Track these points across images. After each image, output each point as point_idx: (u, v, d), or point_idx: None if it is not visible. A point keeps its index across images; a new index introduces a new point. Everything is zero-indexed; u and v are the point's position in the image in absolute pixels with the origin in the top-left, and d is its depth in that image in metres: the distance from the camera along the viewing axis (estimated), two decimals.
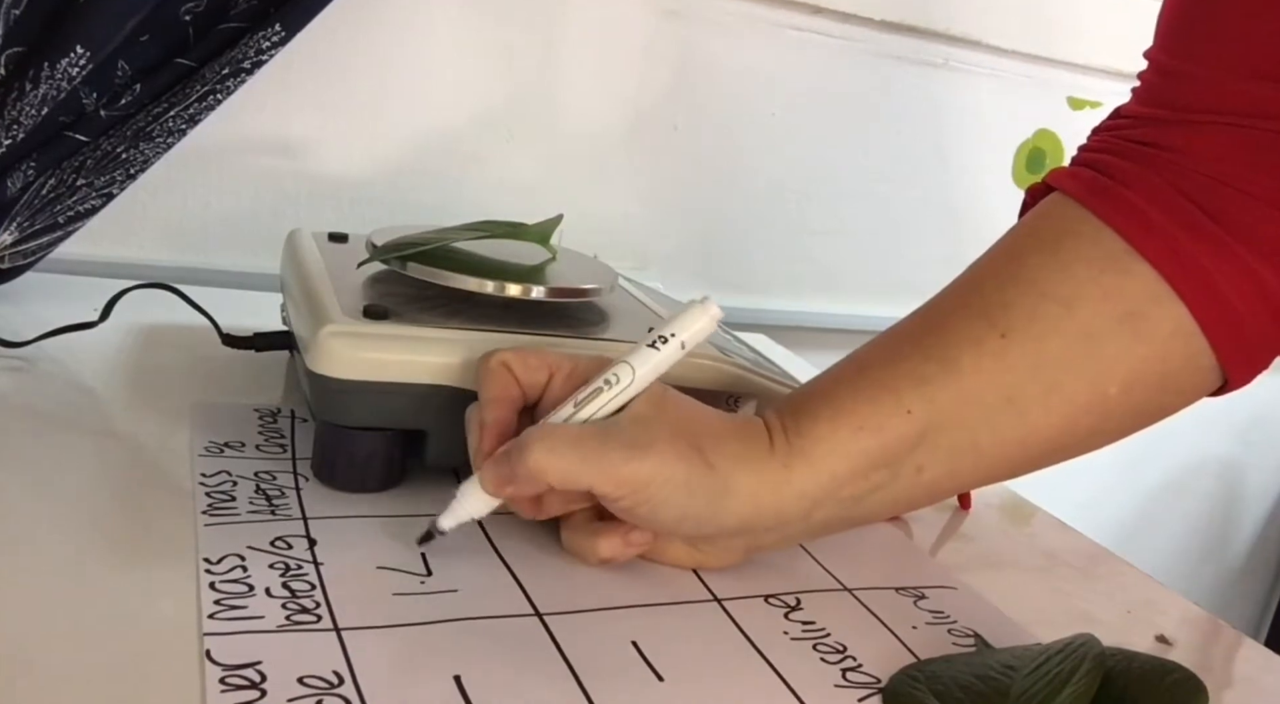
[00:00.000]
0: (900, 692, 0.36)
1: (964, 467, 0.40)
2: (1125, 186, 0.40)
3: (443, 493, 0.45)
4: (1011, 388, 0.39)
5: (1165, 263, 0.39)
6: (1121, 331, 0.39)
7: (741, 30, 0.85)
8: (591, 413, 0.39)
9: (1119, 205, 0.40)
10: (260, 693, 0.30)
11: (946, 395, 0.39)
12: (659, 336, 0.39)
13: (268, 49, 0.62)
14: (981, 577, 0.47)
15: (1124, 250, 0.39)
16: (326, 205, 0.76)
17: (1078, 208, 0.41)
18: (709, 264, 0.91)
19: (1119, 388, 0.40)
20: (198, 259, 0.73)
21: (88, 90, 0.58)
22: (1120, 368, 0.40)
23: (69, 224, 0.60)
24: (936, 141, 0.97)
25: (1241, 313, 0.39)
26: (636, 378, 0.39)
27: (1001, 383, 0.39)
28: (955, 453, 0.40)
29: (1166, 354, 0.40)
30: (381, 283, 0.49)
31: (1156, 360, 0.40)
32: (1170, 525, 1.30)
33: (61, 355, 0.53)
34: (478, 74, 0.77)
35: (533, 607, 0.37)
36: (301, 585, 0.36)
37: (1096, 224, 0.40)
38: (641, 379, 0.39)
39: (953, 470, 0.40)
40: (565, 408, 0.39)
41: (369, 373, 0.42)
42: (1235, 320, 0.39)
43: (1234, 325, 0.39)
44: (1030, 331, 0.39)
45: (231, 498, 0.41)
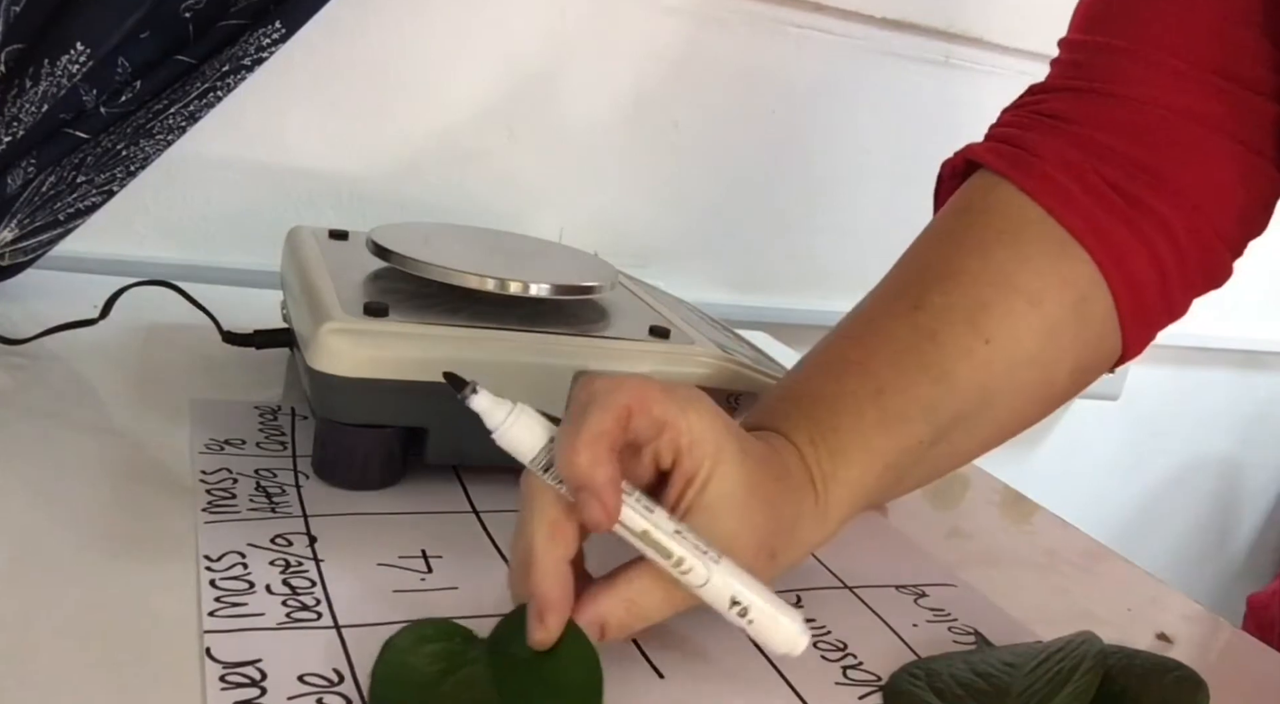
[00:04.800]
0: (901, 689, 0.36)
1: (941, 468, 0.44)
2: (1042, 160, 0.43)
3: (443, 490, 0.45)
4: (989, 391, 0.41)
5: (1095, 245, 0.42)
6: (1074, 319, 0.42)
7: (742, 28, 0.85)
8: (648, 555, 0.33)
9: (1043, 182, 0.42)
10: (260, 690, 0.30)
11: (946, 415, 0.40)
12: (742, 607, 0.33)
13: (268, 46, 0.62)
14: (982, 574, 0.47)
15: (1066, 236, 0.42)
16: (327, 202, 0.76)
17: (1020, 196, 0.43)
18: (709, 261, 0.91)
19: (1068, 374, 0.43)
20: (198, 256, 0.73)
21: (88, 87, 0.58)
22: (1070, 356, 0.43)
23: (69, 221, 0.60)
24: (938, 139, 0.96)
25: (1145, 285, 0.42)
26: (701, 589, 0.33)
27: (983, 388, 0.41)
28: (939, 459, 0.42)
29: (1101, 334, 0.43)
30: (382, 279, 0.49)
31: (1094, 341, 0.43)
32: (1171, 524, 1.30)
33: (62, 353, 0.53)
34: (478, 72, 0.77)
35: None
36: (302, 583, 0.36)
37: (1040, 211, 0.42)
38: (701, 594, 0.33)
39: (932, 471, 0.43)
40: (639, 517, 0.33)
41: (369, 370, 0.42)
42: (1141, 295, 0.43)
43: (1140, 300, 0.43)
44: (1008, 333, 0.41)
45: (232, 495, 0.41)
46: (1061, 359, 0.42)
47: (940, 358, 0.40)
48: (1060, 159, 0.43)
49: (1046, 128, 0.44)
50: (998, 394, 0.41)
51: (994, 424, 0.43)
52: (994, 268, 0.42)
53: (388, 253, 0.48)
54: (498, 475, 0.47)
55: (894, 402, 0.39)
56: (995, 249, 0.42)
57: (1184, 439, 1.23)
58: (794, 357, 0.76)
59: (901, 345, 0.41)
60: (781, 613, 0.33)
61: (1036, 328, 0.41)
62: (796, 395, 0.41)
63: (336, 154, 0.75)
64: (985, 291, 0.41)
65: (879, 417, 0.39)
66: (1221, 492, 1.32)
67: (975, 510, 0.58)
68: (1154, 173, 0.42)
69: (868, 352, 0.41)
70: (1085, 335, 0.43)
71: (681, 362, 0.47)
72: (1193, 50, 0.42)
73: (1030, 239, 0.42)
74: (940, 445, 0.41)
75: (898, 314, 0.42)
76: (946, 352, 0.40)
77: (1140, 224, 0.42)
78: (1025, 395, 0.42)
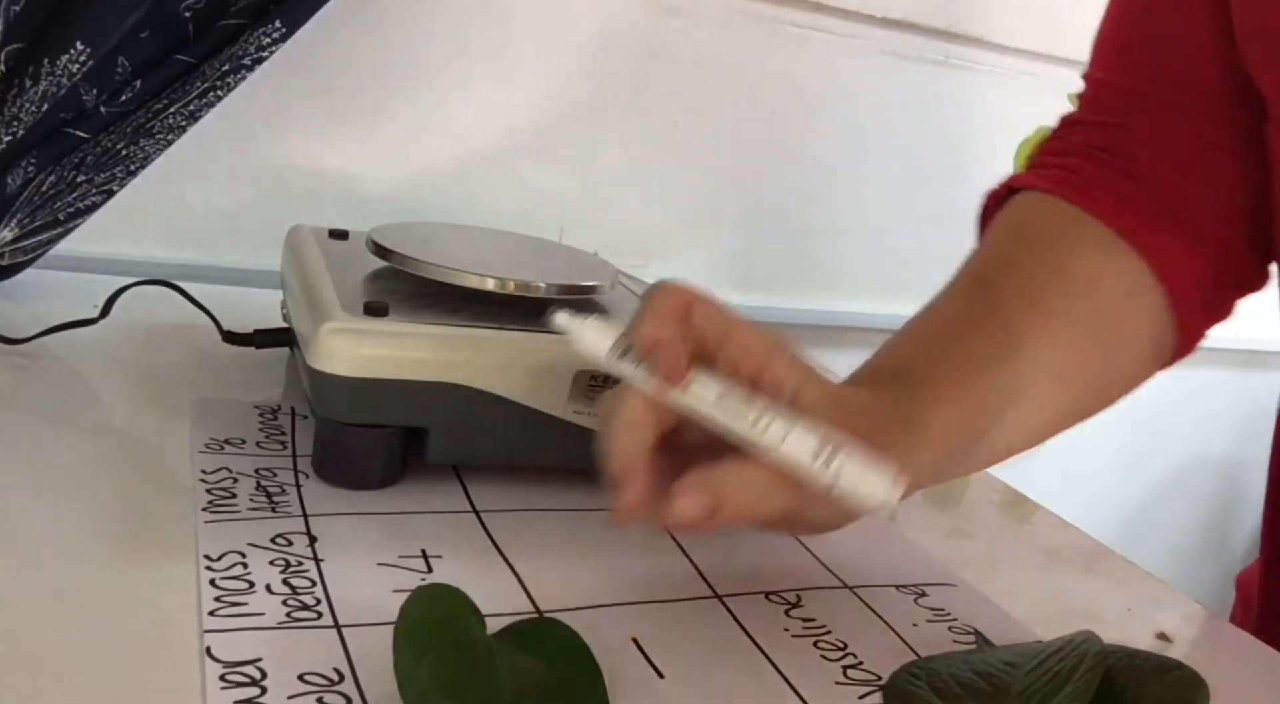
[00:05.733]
0: (901, 689, 0.36)
1: (999, 450, 0.45)
2: (1094, 185, 0.48)
3: (443, 489, 0.45)
4: (1053, 369, 0.44)
5: (1144, 245, 0.46)
6: (1127, 308, 0.46)
7: (742, 27, 0.85)
8: (722, 423, 0.33)
9: (1097, 200, 0.47)
10: (260, 690, 0.30)
11: (1014, 389, 0.43)
12: (828, 455, 0.32)
13: (268, 45, 0.62)
14: (982, 574, 0.47)
15: (1115, 237, 0.46)
16: (326, 202, 0.76)
17: (1065, 204, 0.47)
18: (709, 261, 0.91)
19: (1128, 360, 0.47)
20: (198, 256, 0.73)
21: (88, 87, 0.58)
22: (1128, 344, 0.46)
23: (69, 221, 0.60)
24: (937, 139, 0.97)
25: (1192, 284, 0.46)
26: (778, 449, 0.32)
27: (1049, 365, 0.44)
28: (1001, 437, 0.43)
29: (1153, 326, 0.47)
30: (382, 279, 0.49)
31: (1147, 333, 0.47)
32: (1171, 524, 1.30)
33: (62, 352, 0.53)
34: (477, 71, 0.77)
35: (533, 604, 0.37)
36: (302, 582, 0.36)
37: (1087, 217, 0.47)
38: (779, 455, 0.32)
39: (991, 454, 0.45)
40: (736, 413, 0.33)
41: (369, 370, 0.42)
42: (1189, 292, 0.47)
43: (1189, 298, 0.47)
44: (1065, 314, 0.44)
45: (232, 495, 0.41)
46: (1120, 346, 0.46)
47: (1007, 337, 0.43)
48: (1100, 177, 0.48)
49: (1084, 155, 0.49)
50: (1061, 372, 0.44)
51: (1053, 406, 0.45)
52: (1049, 259, 0.46)
53: (388, 252, 0.48)
54: (498, 475, 0.47)
55: (967, 376, 0.41)
56: (1047, 245, 0.46)
57: (1184, 439, 1.23)
58: None
59: (968, 324, 0.44)
60: (872, 461, 0.32)
61: (1091, 313, 0.45)
62: (868, 373, 0.42)
63: (336, 154, 0.75)
64: (1040, 276, 0.45)
65: (954, 392, 0.40)
66: (1222, 492, 1.32)
67: (976, 510, 0.58)
68: (1183, 193, 0.47)
69: (935, 336, 0.44)
70: (1138, 327, 0.46)
71: None
72: (1201, 86, 0.47)
73: (1080, 238, 0.46)
74: (1005, 423, 0.42)
75: (960, 299, 0.45)
76: (1013, 330, 0.43)
77: (1181, 231, 0.47)
78: (1086, 377, 0.45)
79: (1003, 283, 0.45)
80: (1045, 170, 0.50)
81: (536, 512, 0.45)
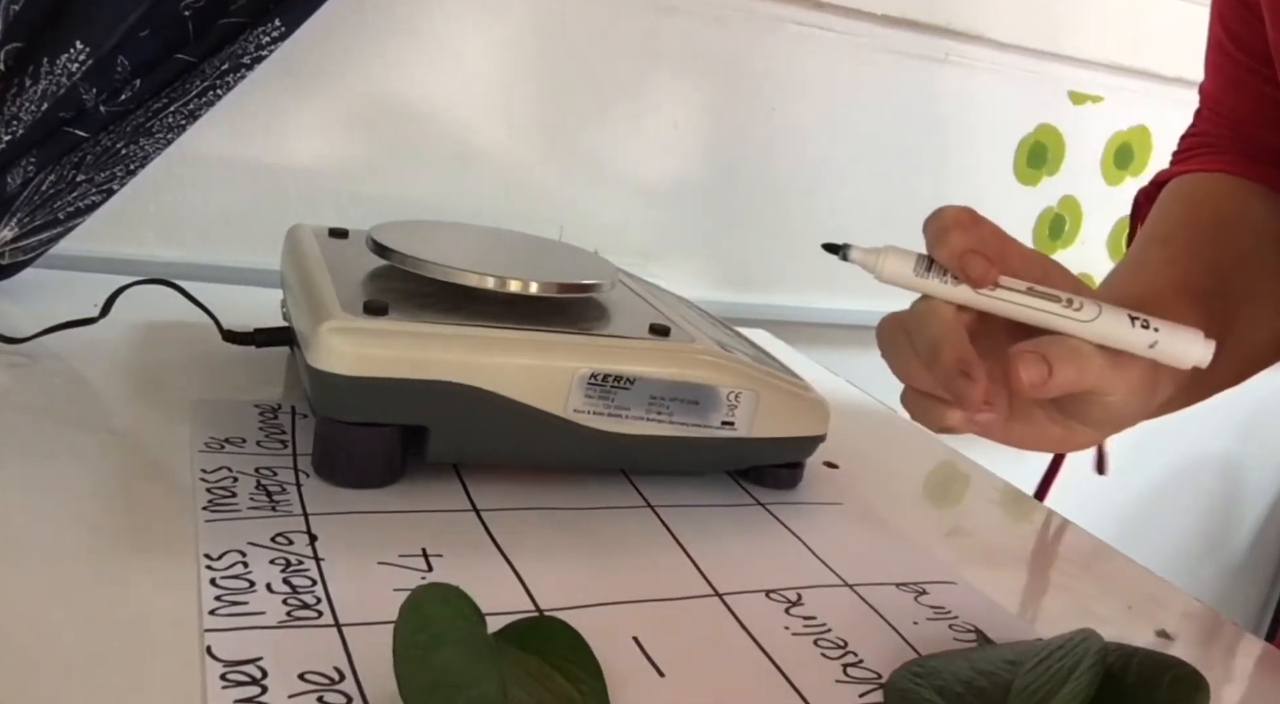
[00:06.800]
0: (902, 688, 0.36)
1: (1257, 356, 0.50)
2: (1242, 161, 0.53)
3: (444, 488, 0.45)
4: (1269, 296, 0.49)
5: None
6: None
7: (741, 26, 0.85)
8: (1038, 308, 0.37)
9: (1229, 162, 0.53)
10: (261, 689, 0.30)
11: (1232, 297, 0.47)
12: (1143, 320, 0.37)
13: (268, 44, 0.62)
14: (982, 572, 0.47)
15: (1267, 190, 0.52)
16: (326, 201, 0.76)
17: (1225, 176, 0.52)
18: (710, 260, 0.91)
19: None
20: (198, 255, 0.73)
21: (87, 86, 0.58)
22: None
23: (69, 220, 0.60)
24: (938, 136, 0.97)
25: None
26: (1094, 322, 0.36)
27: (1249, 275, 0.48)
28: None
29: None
30: (382, 278, 0.49)
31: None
32: (1171, 523, 1.30)
33: (62, 351, 0.53)
34: (476, 71, 0.77)
35: (534, 603, 0.37)
36: (302, 581, 0.36)
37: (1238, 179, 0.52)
38: (1097, 328, 0.36)
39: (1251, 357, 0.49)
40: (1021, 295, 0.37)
41: (369, 369, 0.42)
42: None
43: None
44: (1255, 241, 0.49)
45: (232, 494, 0.41)
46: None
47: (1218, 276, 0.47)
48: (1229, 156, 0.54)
49: (1211, 146, 0.55)
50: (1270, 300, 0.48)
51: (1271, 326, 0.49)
52: (1221, 209, 0.50)
53: (388, 251, 0.48)
54: (499, 474, 0.47)
55: (1192, 298, 0.44)
56: (1225, 204, 0.51)
57: (1183, 438, 1.23)
58: (795, 355, 0.76)
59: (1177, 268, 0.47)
60: (1181, 326, 0.36)
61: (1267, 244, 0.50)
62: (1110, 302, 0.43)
63: (336, 153, 0.75)
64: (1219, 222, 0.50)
65: (1186, 303, 0.43)
66: (1221, 490, 1.32)
67: (976, 509, 0.58)
68: None
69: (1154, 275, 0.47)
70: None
71: (682, 360, 0.47)
72: None
73: (1252, 197, 0.51)
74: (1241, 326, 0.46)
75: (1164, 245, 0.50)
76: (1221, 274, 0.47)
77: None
78: None
79: (1194, 234, 0.49)
80: (1189, 162, 0.54)
81: (537, 510, 0.45)
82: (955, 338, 0.36)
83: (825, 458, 0.56)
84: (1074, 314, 0.36)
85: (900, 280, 0.38)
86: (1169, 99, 1.02)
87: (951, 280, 0.37)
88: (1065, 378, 0.35)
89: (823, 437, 0.51)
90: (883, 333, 0.39)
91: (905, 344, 0.38)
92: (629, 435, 0.46)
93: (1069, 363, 0.35)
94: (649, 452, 0.47)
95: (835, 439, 0.51)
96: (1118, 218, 1.08)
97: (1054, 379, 0.35)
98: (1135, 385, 0.37)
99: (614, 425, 0.46)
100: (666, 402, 0.46)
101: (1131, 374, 0.37)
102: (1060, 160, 1.03)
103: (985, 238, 0.37)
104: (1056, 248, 1.06)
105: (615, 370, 0.45)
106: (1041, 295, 0.37)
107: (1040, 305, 0.37)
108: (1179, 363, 0.37)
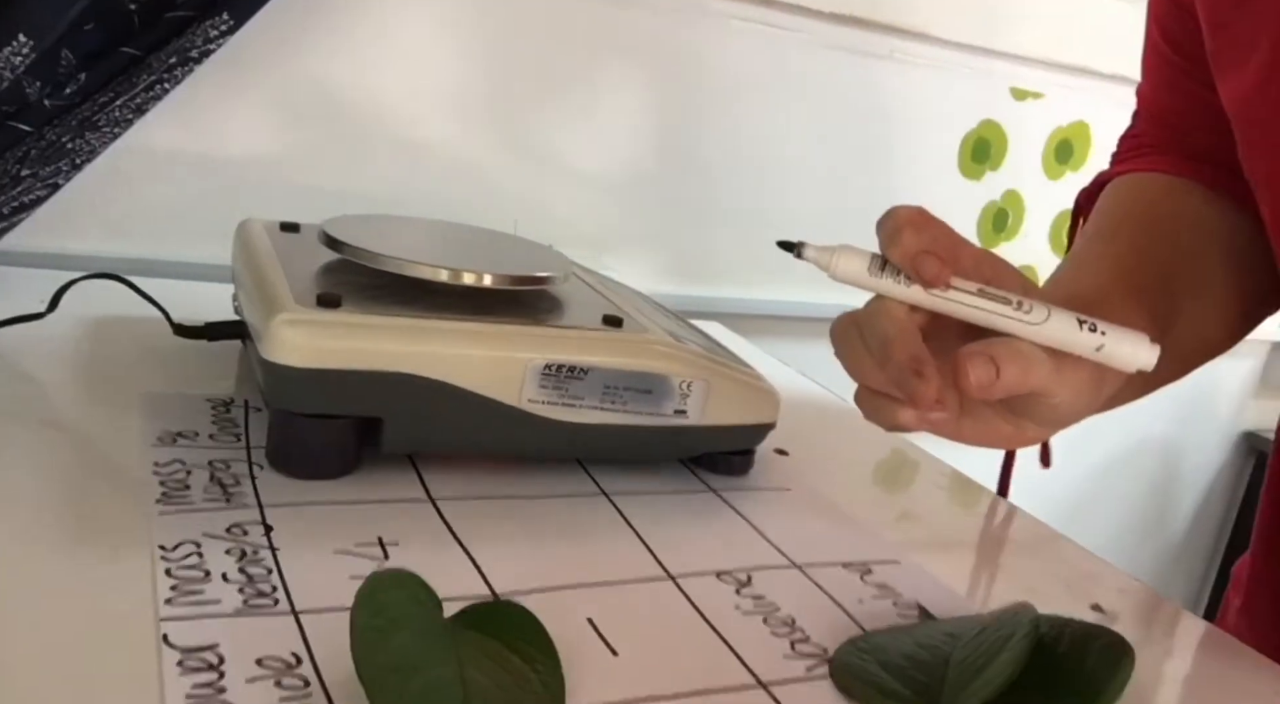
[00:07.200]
0: (847, 662, 0.37)
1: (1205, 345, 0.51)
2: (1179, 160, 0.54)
3: (399, 479, 0.46)
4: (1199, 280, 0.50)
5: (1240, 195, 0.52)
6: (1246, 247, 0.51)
7: (691, 20, 0.86)
8: (988, 311, 0.38)
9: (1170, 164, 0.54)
10: (218, 674, 0.30)
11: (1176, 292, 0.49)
12: (1091, 324, 0.38)
13: (215, 38, 0.61)
14: (927, 555, 0.49)
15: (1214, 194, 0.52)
16: (275, 196, 0.75)
17: (1164, 176, 0.54)
18: (663, 253, 0.92)
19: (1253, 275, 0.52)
20: (145, 250, 0.72)
21: (30, 79, 0.57)
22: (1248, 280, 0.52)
23: (13, 215, 0.59)
24: (884, 131, 0.99)
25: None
26: (1043, 325, 0.37)
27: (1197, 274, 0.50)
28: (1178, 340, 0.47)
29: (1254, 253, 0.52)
30: (334, 272, 0.49)
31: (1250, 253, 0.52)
32: (1111, 506, 1.34)
33: (8, 347, 0.52)
34: (428, 63, 0.77)
35: (490, 588, 0.38)
36: (259, 570, 0.36)
37: (1176, 179, 0.53)
38: (1046, 331, 0.37)
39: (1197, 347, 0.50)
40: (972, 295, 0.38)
41: (323, 360, 0.42)
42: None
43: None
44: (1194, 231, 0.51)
45: (186, 487, 0.41)
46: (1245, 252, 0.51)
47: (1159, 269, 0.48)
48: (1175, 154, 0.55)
49: (1150, 146, 0.57)
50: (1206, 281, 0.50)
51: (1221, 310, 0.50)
52: (1161, 208, 0.52)
53: (340, 244, 0.49)
54: (454, 464, 0.48)
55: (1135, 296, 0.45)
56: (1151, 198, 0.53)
57: (1123, 422, 1.27)
58: (747, 346, 0.78)
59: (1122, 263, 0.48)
60: (1128, 330, 0.37)
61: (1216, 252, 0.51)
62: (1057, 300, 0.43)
63: (285, 147, 0.75)
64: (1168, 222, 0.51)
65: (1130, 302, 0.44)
66: (1160, 473, 1.36)
67: (923, 494, 0.60)
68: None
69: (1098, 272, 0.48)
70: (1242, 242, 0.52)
71: (635, 350, 0.48)
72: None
73: (1179, 189, 0.53)
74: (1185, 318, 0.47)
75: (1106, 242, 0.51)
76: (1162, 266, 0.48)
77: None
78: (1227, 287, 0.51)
79: (1136, 232, 0.50)
80: (1129, 163, 0.56)
81: (492, 499, 0.45)
82: (908, 337, 0.37)
83: (776, 445, 0.57)
84: (1024, 317, 0.37)
85: (854, 279, 0.38)
86: (1107, 96, 1.05)
87: (905, 280, 0.38)
88: (1011, 379, 0.36)
89: (773, 424, 0.52)
90: (837, 332, 0.40)
91: (859, 343, 0.39)
92: (583, 424, 0.47)
93: (1015, 365, 0.36)
94: (603, 440, 0.48)
95: (786, 428, 0.53)
96: (1058, 211, 1.11)
97: (1001, 380, 0.36)
98: (1081, 386, 0.38)
99: (568, 415, 0.46)
100: (620, 391, 0.47)
101: (1076, 376, 0.38)
102: (1003, 155, 1.05)
103: (938, 238, 0.38)
104: (999, 241, 1.08)
105: (569, 360, 0.46)
106: (992, 297, 0.37)
107: (991, 307, 0.37)
108: (1125, 366, 0.38)
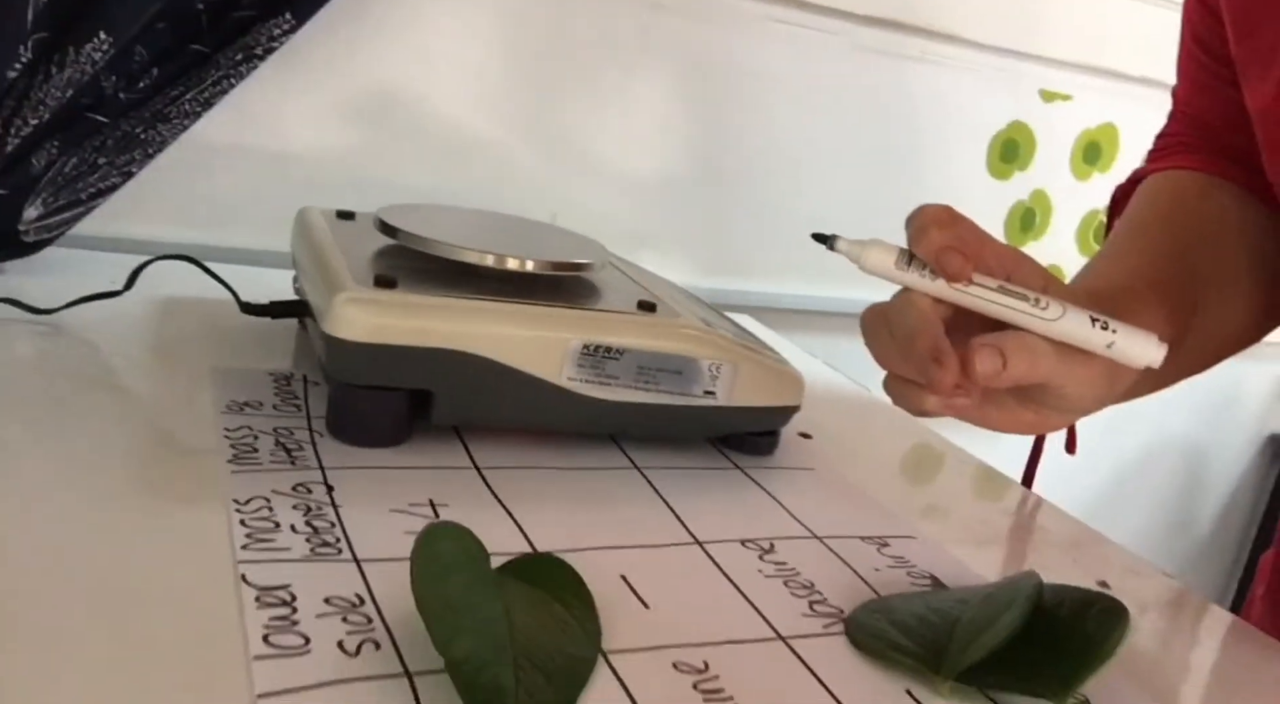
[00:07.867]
0: (861, 621, 0.40)
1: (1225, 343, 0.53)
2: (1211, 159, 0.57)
3: (447, 449, 0.49)
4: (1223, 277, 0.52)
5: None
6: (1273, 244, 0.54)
7: (727, 23, 0.88)
8: (1007, 306, 0.40)
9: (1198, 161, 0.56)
10: (292, 610, 0.34)
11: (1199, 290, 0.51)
12: (1103, 322, 0.39)
13: (278, 36, 0.65)
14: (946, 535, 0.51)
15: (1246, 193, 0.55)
16: (330, 187, 0.79)
17: (1198, 174, 0.56)
18: (697, 247, 0.95)
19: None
20: (209, 236, 0.76)
21: (108, 74, 0.61)
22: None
23: (90, 200, 0.64)
24: (915, 132, 1.01)
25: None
26: (1058, 321, 0.39)
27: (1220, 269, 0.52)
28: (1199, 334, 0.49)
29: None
30: (388, 256, 0.53)
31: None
32: (1137, 505, 1.35)
33: (88, 322, 0.56)
34: (476, 65, 0.81)
35: (530, 545, 0.41)
36: (323, 524, 0.40)
37: (1222, 181, 0.55)
38: (1060, 327, 0.39)
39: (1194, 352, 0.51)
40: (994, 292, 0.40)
41: (380, 336, 0.46)
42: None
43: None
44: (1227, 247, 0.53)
45: (254, 450, 0.45)
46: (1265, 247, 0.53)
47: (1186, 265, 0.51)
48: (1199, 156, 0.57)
49: (1184, 146, 0.59)
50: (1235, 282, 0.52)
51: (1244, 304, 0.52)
52: (1190, 204, 0.54)
53: (395, 231, 0.52)
54: (497, 437, 0.51)
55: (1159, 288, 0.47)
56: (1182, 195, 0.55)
57: (1150, 422, 1.28)
58: (777, 338, 0.80)
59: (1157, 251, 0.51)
60: (1138, 329, 0.39)
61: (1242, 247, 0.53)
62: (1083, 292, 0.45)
63: (336, 141, 0.78)
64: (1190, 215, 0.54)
65: (1154, 298, 0.46)
66: (1186, 473, 1.37)
67: (948, 486, 0.62)
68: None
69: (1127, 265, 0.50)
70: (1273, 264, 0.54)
71: (667, 333, 0.51)
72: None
73: (1210, 186, 0.55)
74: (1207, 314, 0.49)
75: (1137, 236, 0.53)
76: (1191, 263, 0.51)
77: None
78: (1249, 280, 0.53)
79: (1165, 226, 0.53)
80: (1163, 161, 0.58)
81: (533, 469, 0.49)
82: (930, 328, 0.39)
83: (800, 429, 0.60)
84: (1040, 313, 0.39)
85: (882, 272, 0.40)
86: (1135, 98, 1.06)
87: (930, 275, 0.39)
88: (1017, 370, 0.38)
89: (797, 407, 0.55)
90: (865, 322, 0.42)
91: (885, 332, 0.41)
92: (618, 402, 0.50)
93: (1021, 356, 0.38)
94: (636, 417, 0.51)
95: (810, 415, 0.55)
96: (1085, 211, 1.12)
97: (1008, 371, 0.38)
98: (1093, 378, 0.40)
99: (604, 393, 0.50)
100: (653, 372, 0.50)
101: (1086, 369, 0.40)
102: (1031, 156, 1.07)
103: (963, 235, 0.40)
104: (1027, 240, 1.10)
105: (606, 342, 0.49)
106: (1012, 293, 0.39)
107: (1009, 303, 0.39)
108: (1133, 363, 0.40)
